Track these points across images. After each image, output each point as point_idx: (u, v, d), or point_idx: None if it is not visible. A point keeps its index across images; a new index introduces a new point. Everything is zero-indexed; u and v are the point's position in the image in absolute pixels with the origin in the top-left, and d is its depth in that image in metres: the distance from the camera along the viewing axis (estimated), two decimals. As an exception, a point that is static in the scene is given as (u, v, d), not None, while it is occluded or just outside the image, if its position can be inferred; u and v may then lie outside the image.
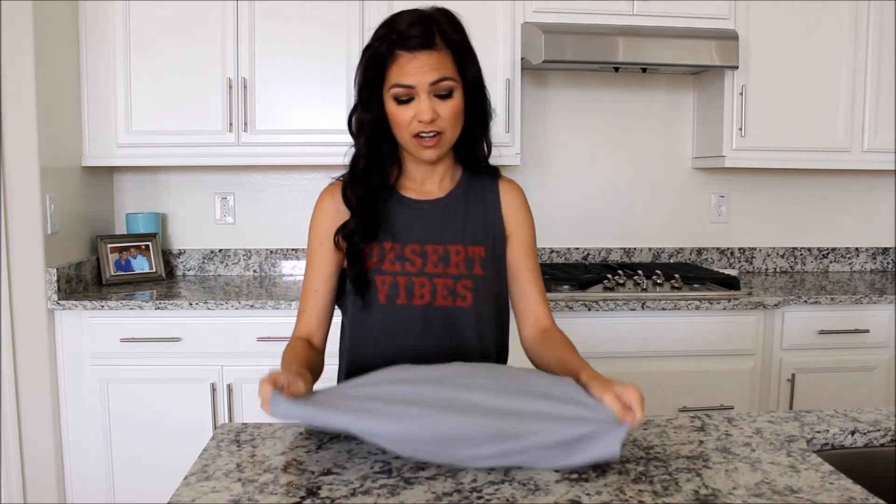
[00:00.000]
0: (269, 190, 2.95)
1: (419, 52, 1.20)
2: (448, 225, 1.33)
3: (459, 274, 1.30)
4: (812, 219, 3.18)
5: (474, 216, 1.35)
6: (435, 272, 1.29)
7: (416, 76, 1.20)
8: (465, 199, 1.35)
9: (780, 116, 2.76)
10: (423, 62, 1.20)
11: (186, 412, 2.36)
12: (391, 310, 1.29)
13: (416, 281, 1.29)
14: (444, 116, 1.23)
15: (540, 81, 2.98)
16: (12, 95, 2.24)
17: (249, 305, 2.35)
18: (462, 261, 1.30)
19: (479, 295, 1.31)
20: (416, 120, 1.22)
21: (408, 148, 1.28)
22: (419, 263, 1.29)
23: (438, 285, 1.29)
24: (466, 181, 1.37)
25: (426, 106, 1.21)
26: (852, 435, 1.20)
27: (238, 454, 1.09)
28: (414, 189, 1.35)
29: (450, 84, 1.23)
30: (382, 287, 1.29)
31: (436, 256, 1.30)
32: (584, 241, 3.07)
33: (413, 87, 1.21)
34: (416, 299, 1.29)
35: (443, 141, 1.26)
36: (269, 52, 2.57)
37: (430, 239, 1.31)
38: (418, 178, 1.35)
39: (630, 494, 0.94)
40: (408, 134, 1.24)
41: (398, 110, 1.24)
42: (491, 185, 1.38)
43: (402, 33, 1.20)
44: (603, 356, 2.42)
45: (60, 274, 2.34)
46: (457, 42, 1.24)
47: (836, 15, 2.75)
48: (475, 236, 1.33)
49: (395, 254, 1.30)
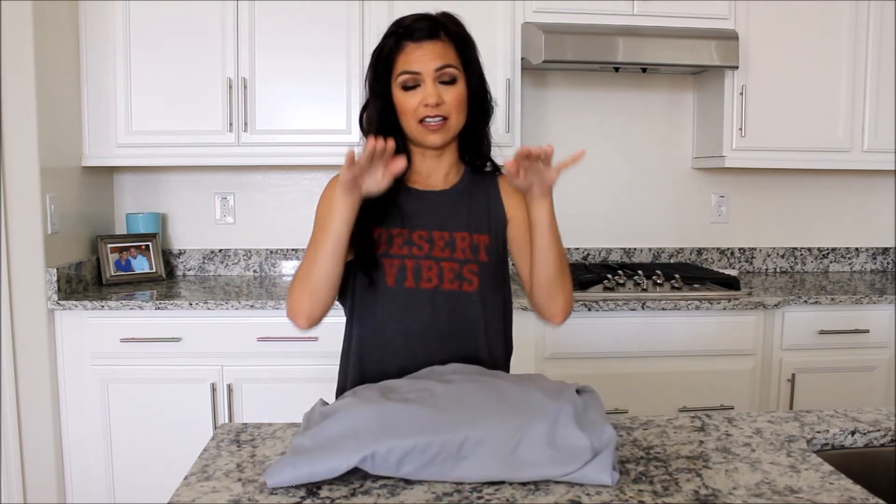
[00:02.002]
0: (269, 190, 2.95)
1: (425, 42, 1.30)
2: (453, 214, 1.36)
3: (466, 259, 1.33)
4: (812, 219, 3.18)
5: (477, 207, 1.39)
6: (442, 256, 1.32)
7: (422, 63, 1.29)
8: (469, 192, 1.40)
9: (780, 116, 2.75)
10: (428, 50, 1.29)
11: (186, 412, 2.36)
12: (399, 292, 1.31)
13: (424, 264, 1.32)
14: (448, 102, 1.30)
15: (540, 81, 2.98)
16: (12, 95, 2.24)
17: (249, 305, 2.35)
18: (468, 247, 1.34)
19: (484, 280, 1.34)
20: (423, 104, 1.29)
21: (414, 136, 1.33)
22: (426, 248, 1.32)
23: (445, 269, 1.32)
24: (470, 177, 1.42)
25: (431, 90, 1.29)
26: (852, 435, 1.20)
27: (238, 454, 1.09)
28: (420, 182, 1.39)
29: (453, 72, 1.30)
30: (391, 270, 1.31)
31: (442, 242, 1.33)
32: (584, 241, 3.06)
33: (419, 74, 1.29)
34: (424, 282, 1.31)
35: (448, 126, 1.31)
36: (270, 51, 2.57)
37: (436, 226, 1.34)
38: (424, 172, 1.39)
39: (630, 494, 0.94)
40: (414, 120, 1.31)
41: (405, 97, 1.30)
42: (491, 179, 1.43)
43: (409, 27, 1.31)
44: (603, 356, 2.44)
45: (60, 274, 2.34)
46: (459, 35, 1.33)
47: (836, 15, 2.75)
48: (479, 225, 1.37)
49: (402, 238, 1.33)
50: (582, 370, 2.44)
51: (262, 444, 1.13)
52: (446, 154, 1.38)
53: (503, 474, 0.97)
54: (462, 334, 1.33)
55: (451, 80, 1.30)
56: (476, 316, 1.34)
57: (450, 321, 1.32)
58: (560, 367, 2.43)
